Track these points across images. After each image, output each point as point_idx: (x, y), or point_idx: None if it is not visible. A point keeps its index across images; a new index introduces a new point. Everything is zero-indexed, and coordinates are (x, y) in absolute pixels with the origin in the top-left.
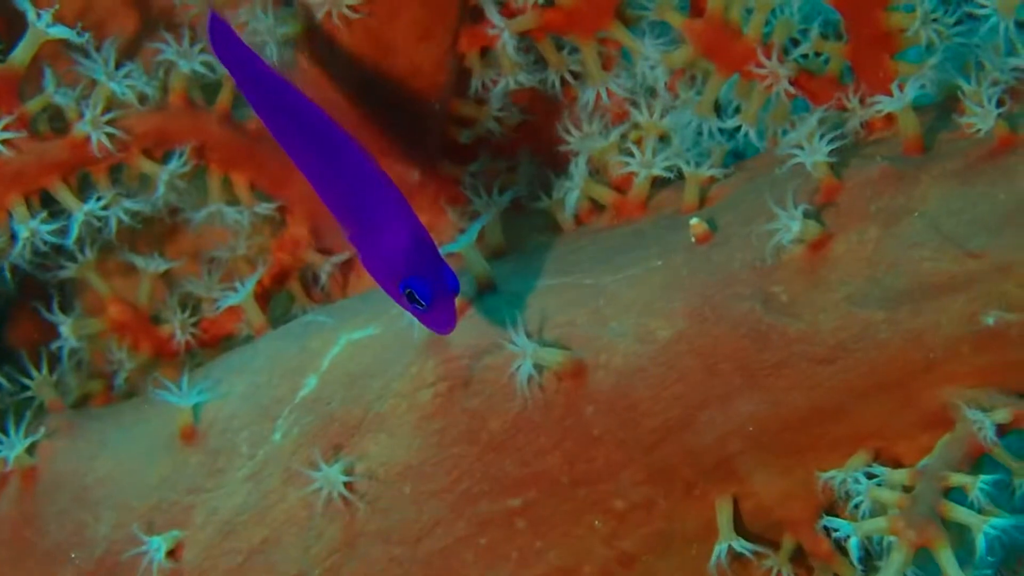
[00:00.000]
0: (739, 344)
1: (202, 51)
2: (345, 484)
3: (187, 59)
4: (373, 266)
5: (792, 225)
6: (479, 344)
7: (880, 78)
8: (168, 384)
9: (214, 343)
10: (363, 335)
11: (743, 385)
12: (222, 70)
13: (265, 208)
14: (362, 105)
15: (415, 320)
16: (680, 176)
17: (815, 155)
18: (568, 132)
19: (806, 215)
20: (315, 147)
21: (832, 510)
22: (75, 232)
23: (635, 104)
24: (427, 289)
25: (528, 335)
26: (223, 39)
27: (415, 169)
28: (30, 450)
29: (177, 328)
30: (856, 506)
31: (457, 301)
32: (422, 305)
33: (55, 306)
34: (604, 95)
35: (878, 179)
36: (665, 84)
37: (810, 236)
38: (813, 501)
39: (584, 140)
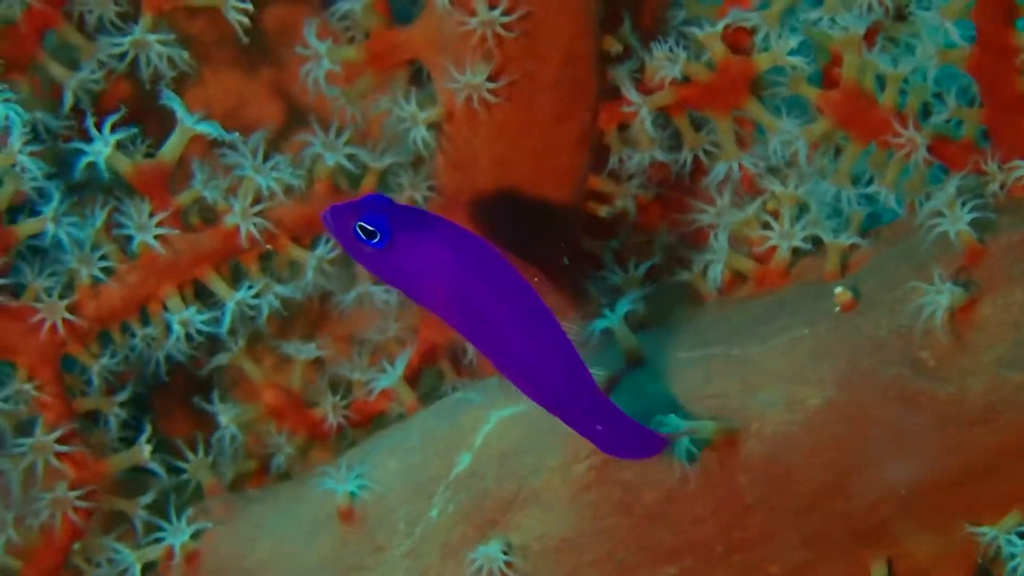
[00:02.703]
0: (889, 409)
1: (347, 143)
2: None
3: (333, 151)
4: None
5: (939, 295)
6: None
7: (1017, 141)
8: (325, 467)
9: (366, 423)
10: (514, 411)
11: (894, 449)
12: (365, 160)
13: None
14: (503, 185)
15: None
16: (818, 244)
17: (957, 223)
18: (702, 207)
19: (951, 281)
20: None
21: (987, 570)
22: (228, 321)
23: (769, 175)
24: None
25: (679, 407)
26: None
27: (556, 246)
28: (193, 534)
29: (330, 411)
30: (1014, 570)
31: (607, 375)
32: None
33: (214, 396)
34: (735, 169)
35: (1021, 242)
36: (806, 157)
37: (956, 303)
38: (968, 561)
39: (722, 213)
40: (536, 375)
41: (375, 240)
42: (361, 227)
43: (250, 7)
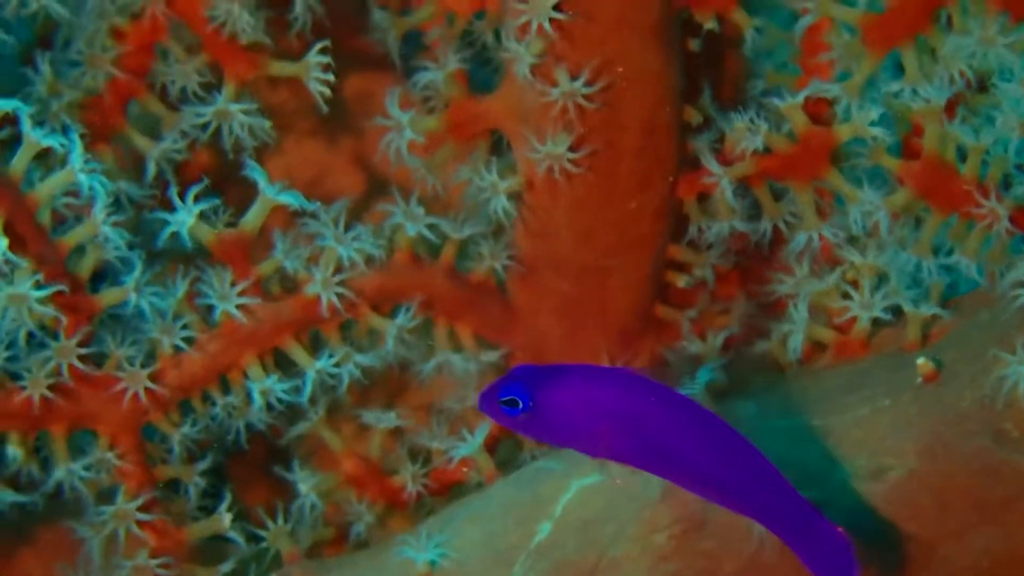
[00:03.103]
0: (972, 481)
1: (427, 215)
2: None
3: (414, 221)
4: None
5: (1021, 366)
6: None
7: None
8: (405, 536)
9: (445, 492)
10: (594, 481)
11: (977, 521)
12: (446, 230)
13: (490, 356)
14: (582, 254)
15: None
16: (898, 314)
17: None
18: (781, 278)
19: None
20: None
21: None
22: (309, 389)
23: (849, 245)
24: None
25: None
26: None
27: (636, 316)
28: None
29: (409, 479)
30: None
31: None
32: None
33: (294, 464)
34: (815, 239)
35: None
36: (888, 228)
37: None
38: None
39: (801, 283)
40: (739, 487)
41: (519, 408)
42: (505, 401)
43: (332, 77)
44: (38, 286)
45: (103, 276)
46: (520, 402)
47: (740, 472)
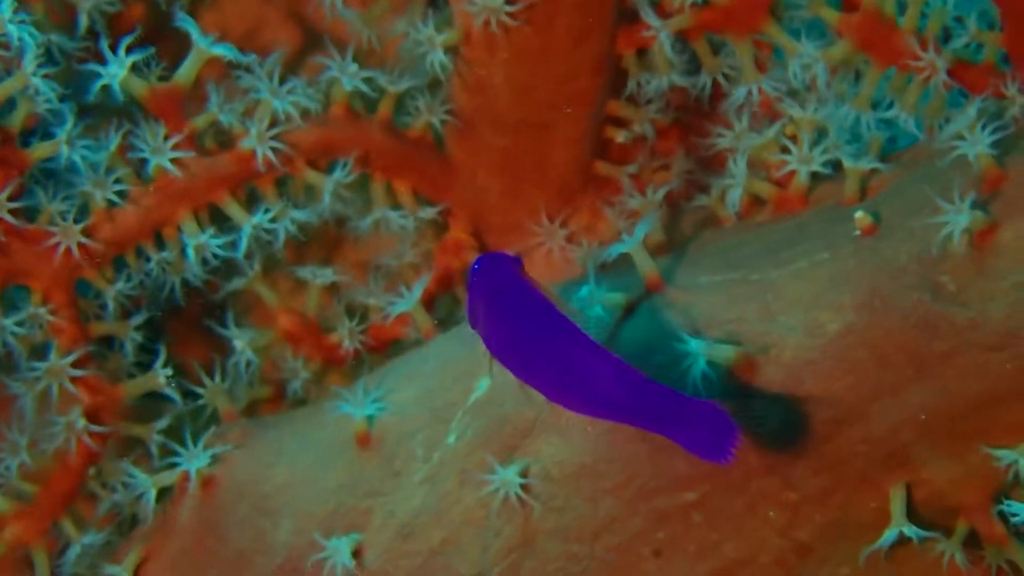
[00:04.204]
0: (909, 335)
1: (363, 69)
2: (521, 485)
3: (350, 76)
4: None
5: (959, 217)
6: (649, 343)
7: None
8: (343, 392)
9: (382, 349)
10: None
11: (914, 375)
12: (382, 83)
13: (428, 212)
14: (520, 109)
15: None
16: (837, 168)
17: (977, 145)
18: (720, 131)
19: (972, 206)
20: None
21: (1007, 495)
22: (244, 245)
23: (789, 99)
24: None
25: (697, 332)
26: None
27: (575, 172)
28: (210, 459)
29: (346, 336)
30: None
31: (625, 300)
32: None
33: (229, 320)
34: (755, 93)
35: None
36: (825, 81)
37: (977, 227)
38: (987, 486)
39: (741, 137)
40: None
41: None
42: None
43: None
44: None
45: (34, 131)
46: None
47: (597, 381)
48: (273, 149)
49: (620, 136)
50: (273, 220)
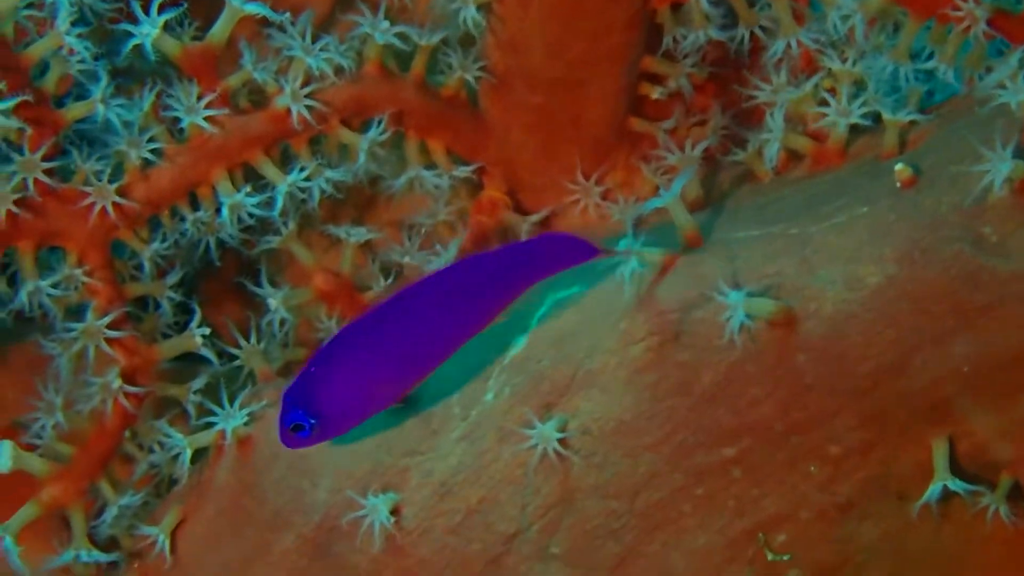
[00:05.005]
0: (950, 286)
1: (395, 24)
2: (559, 440)
3: (382, 32)
4: None
5: (1001, 166)
6: (688, 297)
7: None
8: None
9: None
10: (569, 294)
11: (956, 327)
12: (414, 38)
13: (463, 171)
14: (554, 66)
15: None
16: (876, 121)
17: (1020, 94)
18: (758, 85)
19: (1014, 154)
20: None
21: None
22: (280, 204)
23: (827, 53)
24: None
25: (737, 286)
26: None
27: (609, 128)
28: (246, 419)
29: (381, 295)
30: None
31: (665, 256)
32: None
33: (264, 279)
34: (794, 46)
35: None
36: (863, 32)
37: (1019, 176)
38: None
39: (779, 91)
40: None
41: (307, 429)
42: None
43: None
44: (1, 97)
45: (67, 95)
46: (304, 424)
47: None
48: (307, 107)
49: (655, 92)
50: (308, 179)
